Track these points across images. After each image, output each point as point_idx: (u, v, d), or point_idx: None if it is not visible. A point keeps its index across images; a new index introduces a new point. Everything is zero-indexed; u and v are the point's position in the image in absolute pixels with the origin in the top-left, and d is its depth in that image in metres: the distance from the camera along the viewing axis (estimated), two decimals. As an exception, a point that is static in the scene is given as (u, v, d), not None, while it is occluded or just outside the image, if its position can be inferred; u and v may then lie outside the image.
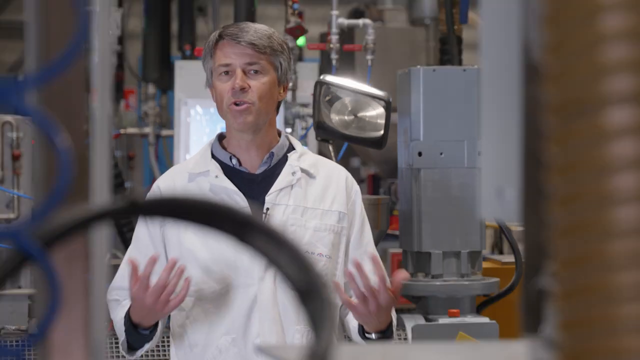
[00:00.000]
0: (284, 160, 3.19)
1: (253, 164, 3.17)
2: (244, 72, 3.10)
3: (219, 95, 3.12)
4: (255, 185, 3.15)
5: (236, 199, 3.10)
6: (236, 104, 3.08)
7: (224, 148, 3.20)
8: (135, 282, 2.93)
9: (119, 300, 3.17)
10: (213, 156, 3.20)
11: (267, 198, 3.12)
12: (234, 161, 3.17)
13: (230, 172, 3.16)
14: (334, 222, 3.16)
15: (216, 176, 3.14)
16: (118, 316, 3.11)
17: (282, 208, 3.12)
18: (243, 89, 3.07)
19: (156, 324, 3.06)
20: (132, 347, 3.10)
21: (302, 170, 3.17)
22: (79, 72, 1.32)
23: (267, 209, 3.10)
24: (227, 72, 3.11)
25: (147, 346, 3.09)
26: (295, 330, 3.06)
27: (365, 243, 3.23)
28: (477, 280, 4.41)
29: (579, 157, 1.07)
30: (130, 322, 3.04)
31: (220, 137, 3.25)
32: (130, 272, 2.93)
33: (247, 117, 3.09)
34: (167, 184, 3.19)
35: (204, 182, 3.15)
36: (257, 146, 3.16)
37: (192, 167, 3.21)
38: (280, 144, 3.20)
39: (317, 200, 3.16)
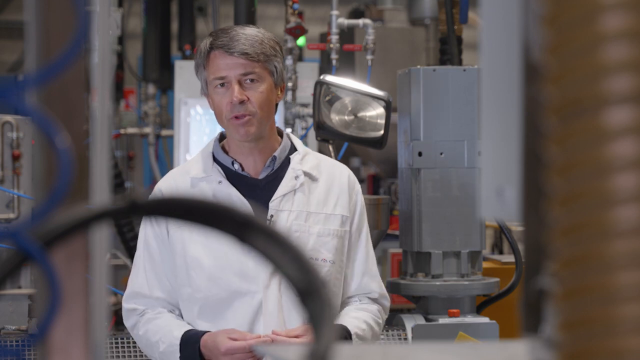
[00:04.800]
0: (286, 162, 3.16)
1: (256, 169, 3.15)
2: (240, 83, 3.06)
3: (217, 108, 3.08)
4: (259, 190, 3.12)
5: (240, 205, 3.07)
6: (236, 117, 3.05)
7: (225, 151, 3.19)
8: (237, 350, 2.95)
9: (137, 309, 3.15)
10: (215, 160, 3.19)
11: (271, 204, 3.10)
12: (236, 166, 3.15)
13: (233, 177, 3.14)
14: (337, 227, 3.15)
15: (219, 182, 3.12)
16: (157, 333, 3.09)
17: (286, 214, 3.10)
18: (242, 102, 3.05)
19: None
20: None
21: (305, 174, 3.15)
22: (79, 72, 1.32)
23: (272, 215, 3.09)
24: (223, 84, 3.08)
25: None
26: None
27: (360, 243, 3.23)
28: (477, 280, 4.41)
29: (579, 157, 1.07)
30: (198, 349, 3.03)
31: (221, 137, 3.22)
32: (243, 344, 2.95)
33: (249, 129, 3.06)
34: (169, 187, 3.16)
35: (207, 188, 3.13)
36: (260, 151, 3.14)
37: (194, 171, 3.17)
38: (282, 147, 3.17)
39: (320, 203, 3.14)
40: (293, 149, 3.20)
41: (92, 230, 1.30)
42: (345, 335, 3.09)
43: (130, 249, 6.67)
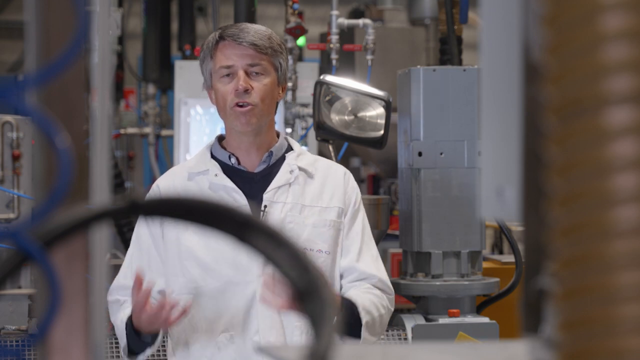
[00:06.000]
0: (282, 160, 3.20)
1: (252, 163, 3.19)
2: (246, 73, 3.10)
3: (221, 97, 3.12)
4: (254, 183, 3.16)
5: (235, 196, 3.12)
6: (239, 105, 3.09)
7: (224, 148, 3.21)
8: (137, 292, 2.92)
9: (119, 301, 3.15)
10: (212, 156, 3.21)
11: (265, 196, 3.13)
12: (233, 160, 3.18)
13: (230, 171, 3.18)
14: (334, 218, 3.16)
15: (216, 175, 3.15)
16: (119, 319, 3.09)
17: (280, 206, 3.13)
18: (246, 91, 3.08)
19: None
20: (133, 352, 3.09)
21: (300, 169, 3.18)
22: (79, 72, 1.32)
23: (265, 206, 3.11)
24: (228, 74, 3.11)
25: (148, 351, 3.07)
26: (295, 327, 3.06)
27: (354, 234, 3.20)
28: (477, 280, 4.41)
29: (579, 157, 1.07)
30: (132, 327, 3.03)
31: (220, 139, 3.26)
32: (134, 282, 2.93)
33: (250, 119, 3.10)
34: (166, 184, 3.20)
35: (204, 181, 3.16)
36: (257, 147, 3.18)
37: (192, 166, 3.22)
38: (279, 144, 3.21)
39: (315, 198, 3.17)
40: (289, 149, 3.24)
41: (92, 230, 1.30)
42: (351, 306, 3.06)
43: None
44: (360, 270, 3.18)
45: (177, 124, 6.57)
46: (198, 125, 6.56)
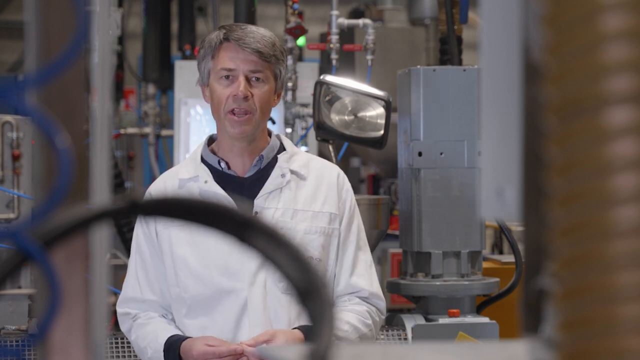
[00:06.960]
0: (274, 161, 3.17)
1: (243, 168, 3.16)
2: (246, 79, 3.09)
3: (217, 99, 3.09)
4: (245, 188, 3.13)
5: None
6: (234, 112, 3.07)
7: (214, 151, 3.19)
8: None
9: (130, 314, 3.17)
10: (203, 160, 3.19)
11: (256, 202, 3.10)
12: (223, 164, 3.15)
13: (220, 177, 3.15)
14: (325, 224, 3.13)
15: (205, 181, 3.13)
16: (145, 339, 3.12)
17: (272, 211, 3.10)
18: (245, 97, 3.06)
19: None
20: None
21: (292, 172, 3.15)
22: (79, 72, 1.32)
23: (256, 212, 3.09)
24: (228, 77, 3.09)
25: None
26: None
27: (349, 242, 3.19)
28: (477, 280, 4.41)
29: (579, 157, 1.07)
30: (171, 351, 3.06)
31: (210, 141, 3.24)
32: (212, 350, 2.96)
33: (245, 127, 3.08)
34: (158, 190, 3.18)
35: (194, 188, 3.14)
36: (250, 152, 3.15)
37: (182, 172, 3.20)
38: (270, 146, 3.18)
39: (307, 201, 3.14)
40: (282, 149, 3.21)
41: (92, 230, 1.30)
42: None
43: (130, 249, 6.67)
44: (350, 284, 3.18)
45: (177, 124, 6.57)
46: (198, 125, 6.56)
